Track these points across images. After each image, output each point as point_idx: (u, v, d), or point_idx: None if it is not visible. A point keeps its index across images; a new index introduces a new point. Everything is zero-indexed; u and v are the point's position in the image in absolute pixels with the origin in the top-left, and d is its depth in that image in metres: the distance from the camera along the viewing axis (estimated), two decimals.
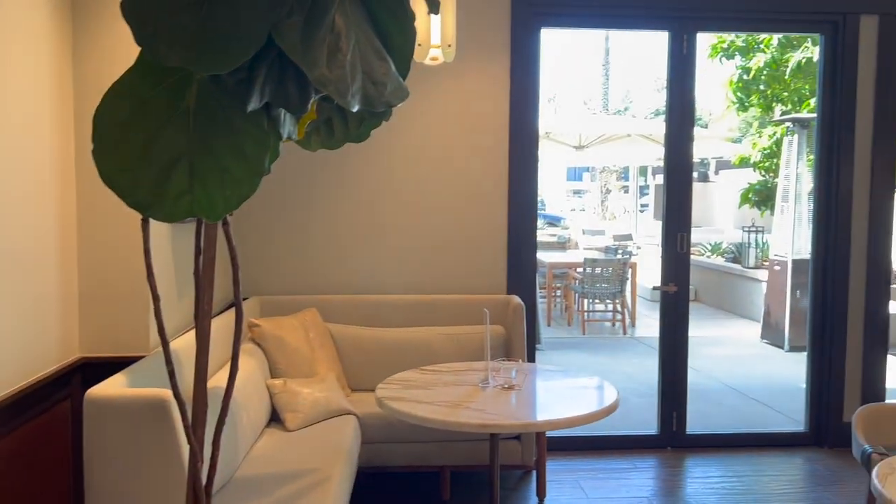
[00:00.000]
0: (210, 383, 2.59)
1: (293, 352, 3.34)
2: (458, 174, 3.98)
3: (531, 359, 3.93)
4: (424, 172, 3.97)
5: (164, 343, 1.38)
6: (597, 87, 22.72)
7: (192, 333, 2.43)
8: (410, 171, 3.96)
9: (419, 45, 2.83)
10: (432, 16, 2.90)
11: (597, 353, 7.26)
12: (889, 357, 4.29)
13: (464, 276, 3.98)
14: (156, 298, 1.36)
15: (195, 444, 1.40)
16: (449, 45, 2.91)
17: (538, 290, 7.33)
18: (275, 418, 3.19)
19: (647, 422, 4.36)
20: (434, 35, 2.88)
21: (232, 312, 3.03)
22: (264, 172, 1.25)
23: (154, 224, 1.28)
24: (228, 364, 1.63)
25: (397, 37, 1.37)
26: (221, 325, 2.90)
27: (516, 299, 3.77)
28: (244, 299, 3.64)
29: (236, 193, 1.23)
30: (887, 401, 4.21)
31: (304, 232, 3.94)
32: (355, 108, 1.23)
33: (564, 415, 2.54)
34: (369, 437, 3.27)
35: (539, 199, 4.60)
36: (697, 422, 4.38)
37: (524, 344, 3.67)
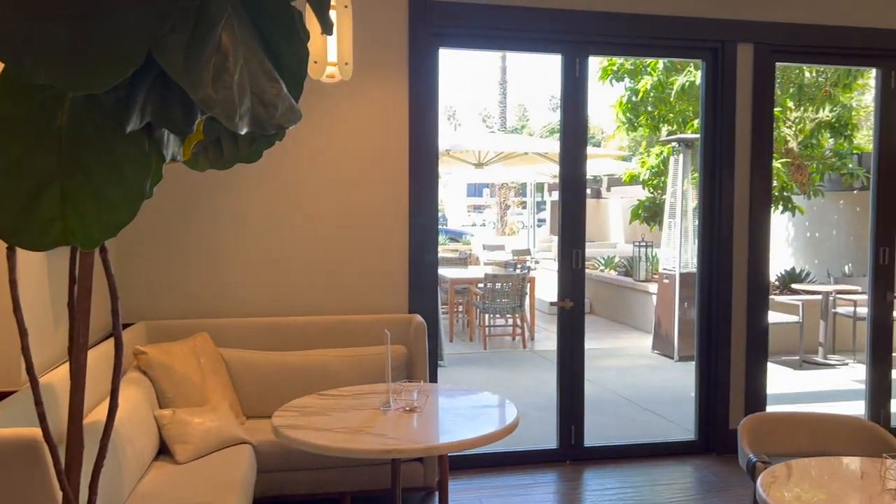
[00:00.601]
0: (90, 418, 2.42)
1: (182, 379, 3.18)
2: (357, 192, 3.93)
3: (434, 378, 3.92)
4: (322, 190, 3.90)
5: (34, 382, 1.27)
6: (494, 105, 23.19)
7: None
8: (308, 190, 3.88)
9: (315, 62, 2.78)
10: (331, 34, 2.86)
11: (498, 367, 7.35)
12: (769, 365, 4.56)
13: (364, 295, 3.92)
14: (23, 334, 1.25)
15: (69, 489, 1.29)
16: (346, 63, 2.88)
17: (440, 307, 7.36)
18: (164, 451, 3.02)
19: (547, 435, 4.43)
20: (331, 53, 2.84)
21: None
22: (145, 196, 1.17)
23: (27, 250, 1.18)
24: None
25: (289, 56, 1.33)
26: (102, 356, 2.72)
27: (418, 318, 3.75)
28: (129, 325, 3.44)
29: (114, 219, 1.14)
30: (768, 408, 4.46)
31: (194, 253, 3.78)
32: (243, 131, 1.17)
33: (466, 436, 2.53)
34: (266, 465, 3.15)
35: (441, 214, 4.61)
36: (595, 434, 4.49)
37: (426, 363, 3.65)
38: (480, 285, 8.17)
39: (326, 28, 1.45)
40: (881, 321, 4.80)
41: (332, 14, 2.75)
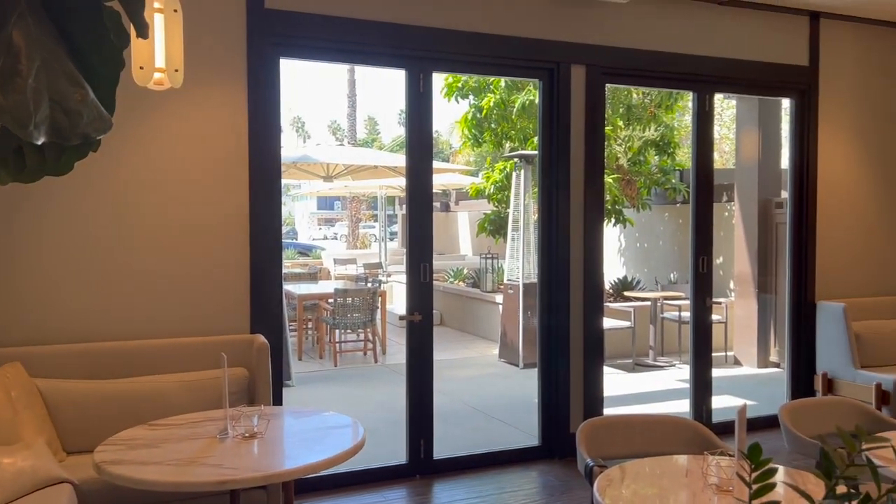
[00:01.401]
0: None
1: None
2: (191, 204, 3.72)
3: (278, 400, 3.77)
4: (153, 203, 3.65)
5: None
6: (344, 117, 23.05)
7: None
8: (136, 202, 3.62)
9: (141, 67, 2.59)
10: (158, 38, 2.68)
11: (349, 384, 7.24)
12: (605, 368, 4.81)
13: (202, 316, 3.70)
14: None
15: None
16: (176, 70, 2.71)
17: (287, 324, 7.14)
18: None
19: (398, 451, 4.40)
20: (159, 58, 2.66)
21: None
22: None
23: None
24: None
25: (99, 60, 1.21)
26: None
27: (260, 338, 3.60)
28: None
29: None
30: (606, 410, 4.70)
31: (2, 274, 3.40)
32: (40, 141, 1.04)
33: (310, 460, 2.45)
34: None
35: (290, 228, 4.47)
36: (446, 446, 4.53)
37: (270, 385, 3.51)
38: (330, 300, 8.03)
39: (141, 31, 1.34)
40: (701, 324, 5.22)
41: (158, 18, 2.58)
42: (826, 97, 5.48)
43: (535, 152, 7.21)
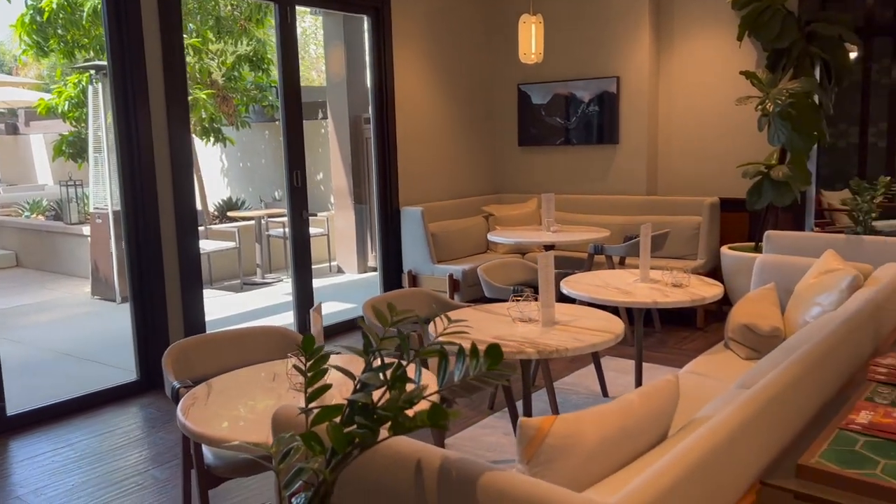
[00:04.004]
0: None
1: None
2: None
3: None
4: None
5: None
6: None
7: None
8: None
9: None
10: None
11: None
12: (212, 291, 4.67)
13: None
14: None
15: None
16: None
17: None
18: None
19: None
20: None
21: None
22: None
23: None
24: None
25: None
26: None
27: None
28: None
29: None
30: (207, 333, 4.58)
31: None
32: None
33: None
34: None
35: None
36: (25, 400, 3.97)
37: None
38: None
39: None
40: (300, 236, 5.36)
41: None
42: (399, 16, 5.89)
43: None
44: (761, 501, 1.47)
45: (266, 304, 7.07)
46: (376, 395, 1.19)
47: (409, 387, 1.20)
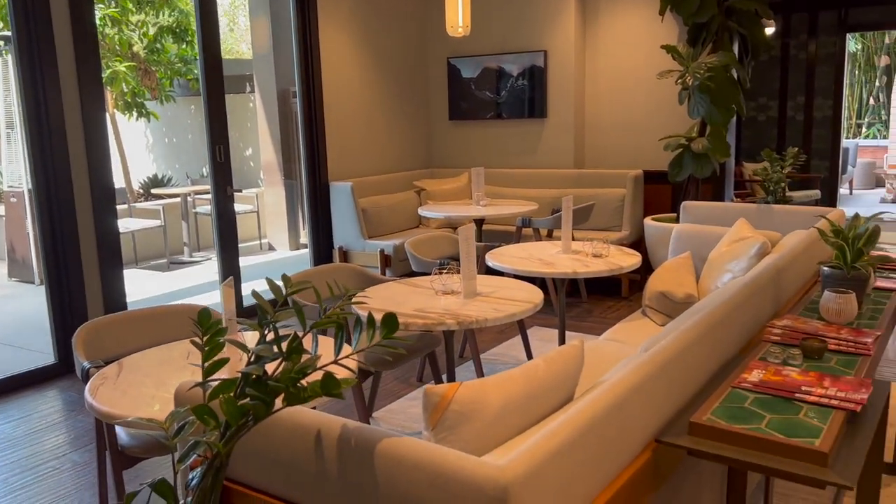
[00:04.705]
0: None
1: None
2: None
3: None
4: None
5: None
6: None
7: None
8: None
9: None
10: None
11: None
12: (137, 271, 4.53)
13: None
14: None
15: None
16: None
17: None
18: None
19: None
20: None
21: None
22: None
23: None
24: None
25: None
26: None
27: None
28: None
29: None
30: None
31: None
32: None
33: None
34: None
35: None
36: None
37: None
38: None
39: None
40: (225, 213, 5.24)
41: None
42: None
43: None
44: (657, 459, 1.53)
45: (194, 283, 6.92)
46: (274, 367, 1.19)
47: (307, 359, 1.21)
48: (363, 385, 3.39)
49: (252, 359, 1.21)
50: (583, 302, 5.49)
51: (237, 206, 8.22)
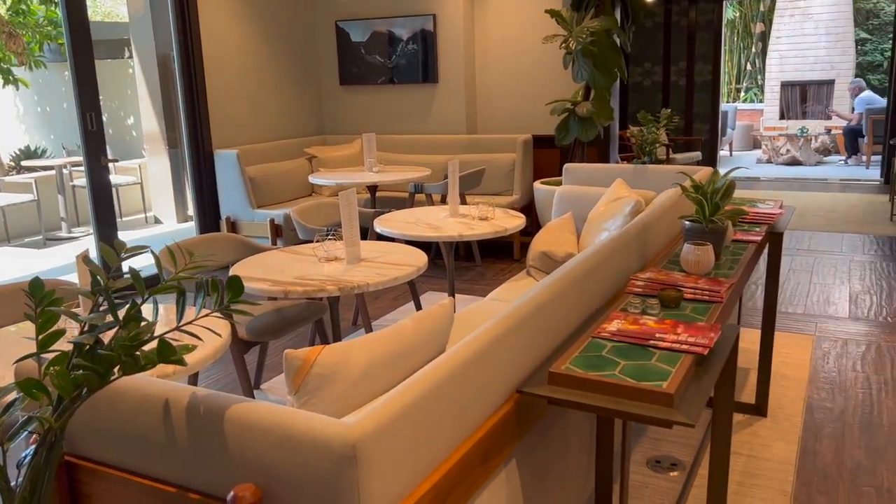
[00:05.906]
0: None
1: None
2: None
3: None
4: None
5: None
6: None
7: None
8: None
9: None
10: None
11: None
12: (8, 248, 4.24)
13: None
14: None
15: None
16: None
17: None
18: None
19: None
20: None
21: None
22: None
23: None
24: None
25: None
26: None
27: None
28: None
29: None
30: None
31: None
32: None
33: None
34: None
35: None
36: None
37: None
38: None
39: None
40: (99, 184, 4.97)
41: None
42: None
43: None
44: (518, 410, 1.57)
45: (71, 259, 6.55)
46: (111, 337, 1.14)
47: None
48: (246, 356, 3.32)
49: (86, 328, 1.15)
50: (476, 265, 5.57)
51: (118, 178, 7.82)
